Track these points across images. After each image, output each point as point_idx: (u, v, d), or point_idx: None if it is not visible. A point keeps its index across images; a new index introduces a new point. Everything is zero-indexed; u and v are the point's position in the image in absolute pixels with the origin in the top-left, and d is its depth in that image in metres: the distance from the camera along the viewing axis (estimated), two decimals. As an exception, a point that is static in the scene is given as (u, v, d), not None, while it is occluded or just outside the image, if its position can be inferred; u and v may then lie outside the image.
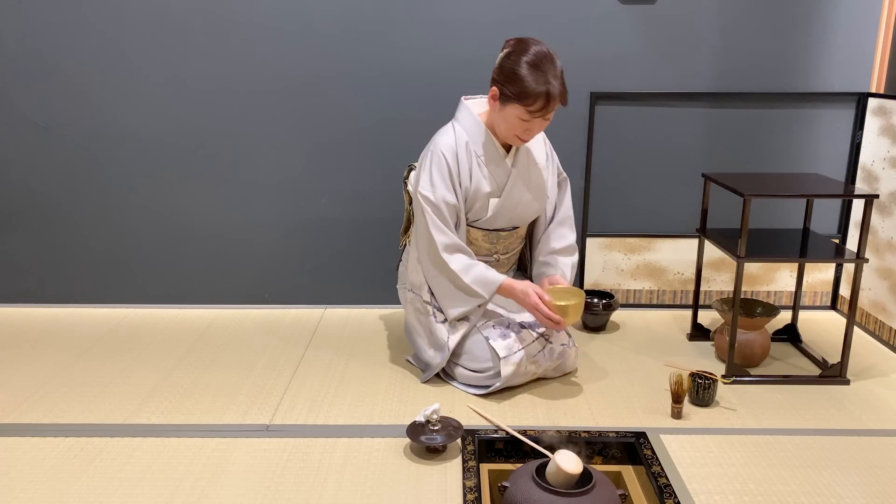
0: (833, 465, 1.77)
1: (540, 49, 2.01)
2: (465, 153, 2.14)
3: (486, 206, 2.18)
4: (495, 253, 2.29)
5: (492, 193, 2.18)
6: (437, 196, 2.10)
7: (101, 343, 2.51)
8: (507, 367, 2.07)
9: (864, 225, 2.13)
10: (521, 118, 2.03)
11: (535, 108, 1.99)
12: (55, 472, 1.73)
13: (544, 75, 1.97)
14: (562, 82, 2.01)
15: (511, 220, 2.24)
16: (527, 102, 1.99)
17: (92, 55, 2.63)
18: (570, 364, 2.24)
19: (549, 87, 1.97)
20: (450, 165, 2.12)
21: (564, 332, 2.20)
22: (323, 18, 2.60)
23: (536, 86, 1.97)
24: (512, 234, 2.28)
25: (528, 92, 1.98)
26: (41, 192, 2.76)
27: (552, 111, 2.02)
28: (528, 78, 1.97)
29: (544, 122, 2.07)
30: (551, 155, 2.32)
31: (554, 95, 1.98)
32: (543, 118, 2.04)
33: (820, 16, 2.60)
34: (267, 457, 1.79)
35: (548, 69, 1.98)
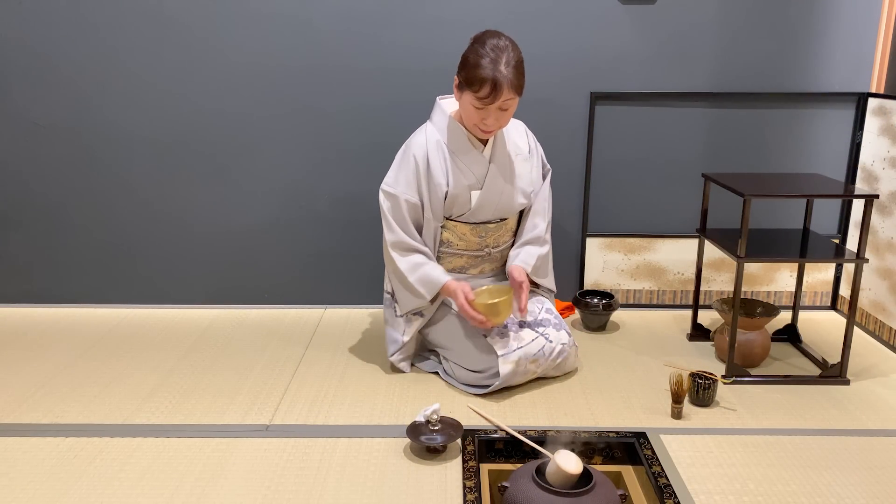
0: (833, 465, 1.77)
1: (496, 40, 2.02)
2: (437, 151, 2.17)
3: (468, 199, 2.20)
4: (486, 247, 2.29)
5: (472, 186, 2.19)
6: (396, 191, 2.15)
7: (101, 343, 2.51)
8: (506, 366, 2.07)
9: (864, 225, 2.13)
10: (474, 105, 2.04)
11: (483, 95, 1.99)
12: (55, 472, 1.73)
13: (494, 62, 1.97)
14: (515, 70, 2.00)
15: (497, 212, 2.25)
16: (474, 88, 2.00)
17: (92, 55, 2.63)
18: (569, 364, 2.24)
19: (497, 73, 1.97)
20: (418, 165, 2.15)
21: (564, 331, 2.20)
22: (323, 18, 2.60)
23: (484, 71, 1.97)
24: (500, 227, 2.29)
25: (475, 77, 1.99)
26: (41, 192, 2.76)
27: (503, 99, 2.01)
28: (477, 64, 1.99)
29: (502, 113, 2.06)
30: (535, 147, 2.33)
31: (501, 82, 1.97)
32: (498, 108, 2.03)
33: (820, 16, 2.60)
34: (267, 457, 1.79)
35: (499, 57, 1.98)
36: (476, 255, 2.29)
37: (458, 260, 2.30)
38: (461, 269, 2.32)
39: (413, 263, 2.17)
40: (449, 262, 2.30)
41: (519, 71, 2.02)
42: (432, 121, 2.23)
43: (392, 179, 2.18)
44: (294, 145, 2.72)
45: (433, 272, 2.16)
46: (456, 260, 2.30)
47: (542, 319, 2.21)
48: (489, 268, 2.34)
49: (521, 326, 2.16)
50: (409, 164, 2.16)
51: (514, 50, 2.03)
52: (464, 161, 2.18)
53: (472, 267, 2.32)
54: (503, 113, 2.07)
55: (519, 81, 2.03)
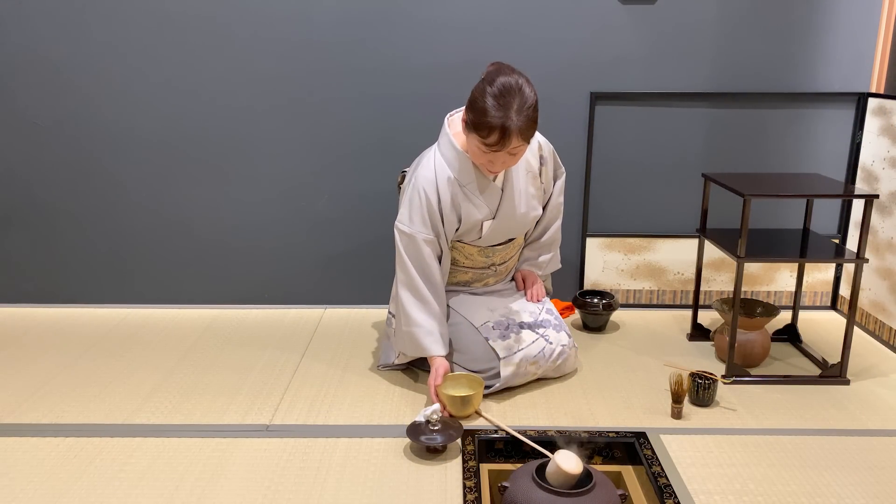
0: (833, 465, 1.77)
1: (509, 80, 1.88)
2: (448, 186, 2.06)
3: (479, 230, 2.14)
4: (492, 265, 2.28)
5: (486, 217, 2.12)
6: (412, 230, 2.06)
7: (101, 343, 2.51)
8: (507, 368, 2.07)
9: (864, 225, 2.13)
10: (480, 149, 1.93)
11: (491, 142, 1.88)
12: (55, 472, 1.73)
13: (504, 109, 1.84)
14: (526, 118, 1.87)
15: (507, 235, 2.23)
16: (482, 134, 1.88)
17: (92, 55, 2.63)
18: (569, 365, 2.23)
19: (507, 121, 1.84)
20: (430, 203, 2.04)
21: (565, 332, 2.20)
22: (323, 18, 2.60)
23: (492, 119, 1.85)
24: (508, 246, 2.27)
25: (482, 124, 1.87)
26: (41, 192, 2.76)
27: (511, 146, 1.89)
28: (486, 109, 1.86)
29: (510, 157, 1.94)
30: (548, 157, 2.24)
31: (510, 130, 1.85)
32: (506, 153, 1.91)
33: (820, 16, 2.60)
34: (267, 457, 1.79)
35: (510, 103, 1.85)
36: (482, 272, 2.29)
37: (464, 275, 2.29)
38: (466, 284, 2.31)
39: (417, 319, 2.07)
40: (454, 276, 2.29)
41: (530, 117, 1.88)
42: (440, 149, 2.10)
43: (406, 218, 2.07)
44: (294, 145, 2.72)
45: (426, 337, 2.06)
46: (461, 275, 2.29)
47: (543, 320, 2.21)
48: (493, 281, 2.33)
49: (521, 328, 2.16)
50: (420, 202, 2.04)
51: (529, 90, 1.89)
52: (475, 193, 2.08)
53: (477, 281, 2.31)
54: (512, 157, 1.95)
55: (529, 128, 1.90)
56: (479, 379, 2.03)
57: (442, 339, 2.09)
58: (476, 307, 2.22)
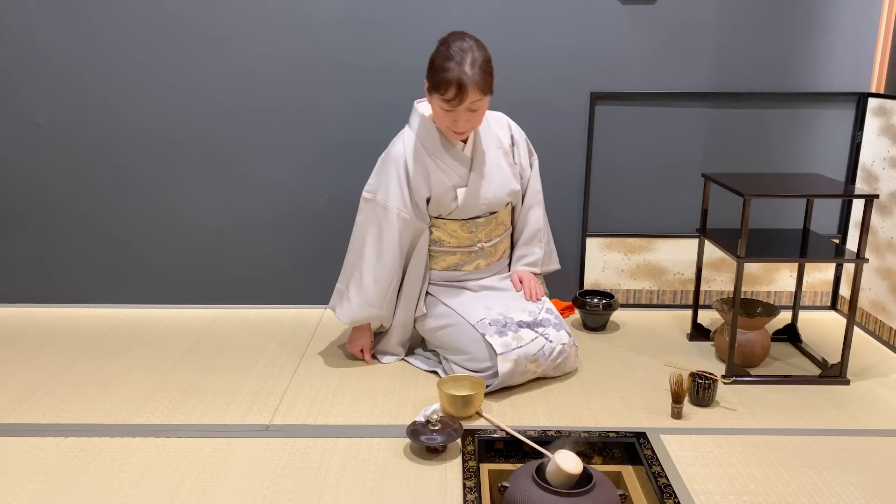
0: (833, 465, 1.77)
1: (461, 42, 2.03)
2: (417, 154, 2.19)
3: (454, 198, 2.22)
4: (478, 242, 2.30)
5: (457, 184, 2.22)
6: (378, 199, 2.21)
7: (101, 343, 2.51)
8: (505, 365, 2.07)
9: (864, 225, 2.13)
10: (443, 108, 2.06)
11: (450, 97, 2.01)
12: (55, 472, 1.73)
13: (458, 64, 1.99)
14: (480, 71, 2.01)
15: (485, 207, 2.27)
16: (441, 91, 2.02)
17: (92, 55, 2.63)
18: (570, 364, 2.23)
19: (462, 75, 1.99)
20: (401, 173, 2.18)
21: (565, 331, 2.20)
22: (323, 17, 2.60)
23: (449, 74, 1.99)
24: (490, 221, 2.30)
25: (440, 80, 2.01)
26: (41, 191, 2.76)
27: (470, 100, 2.03)
28: (442, 67, 2.01)
29: (472, 114, 2.07)
30: (520, 138, 2.35)
31: (466, 83, 1.99)
32: (467, 109, 2.05)
33: (820, 16, 2.60)
34: (267, 457, 1.79)
35: (464, 58, 2.00)
36: (469, 251, 2.31)
37: (452, 257, 2.31)
38: (455, 267, 2.33)
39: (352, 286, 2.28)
40: (443, 259, 2.31)
41: (485, 71, 2.03)
42: (410, 125, 2.24)
43: (374, 186, 2.23)
44: (294, 145, 2.72)
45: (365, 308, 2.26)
46: (449, 258, 2.31)
47: (543, 319, 2.21)
48: (484, 263, 2.34)
49: (520, 327, 2.16)
50: (388, 171, 2.19)
51: (480, 49, 2.04)
52: (445, 161, 2.20)
53: (466, 263, 2.32)
54: (473, 114, 2.08)
55: (485, 81, 2.03)
56: (479, 380, 2.03)
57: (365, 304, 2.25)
58: (473, 305, 2.22)
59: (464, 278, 2.33)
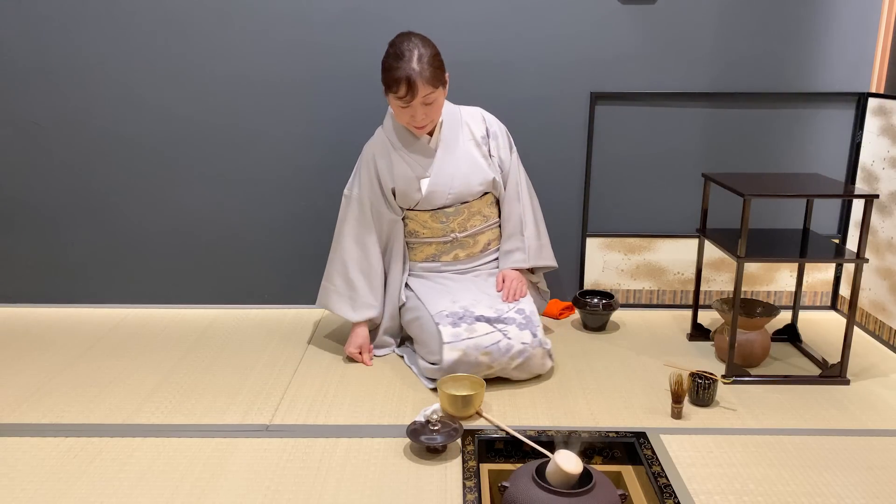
0: (833, 465, 1.77)
1: (408, 41, 2.10)
2: (383, 150, 2.30)
3: (418, 189, 2.26)
4: (451, 232, 2.32)
5: (420, 175, 2.28)
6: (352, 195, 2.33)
7: (101, 343, 2.51)
8: (452, 353, 2.06)
9: (864, 225, 2.13)
10: (398, 106, 2.14)
11: (402, 94, 2.09)
12: (55, 472, 1.73)
13: (404, 62, 2.06)
14: (426, 65, 2.07)
15: (452, 197, 2.29)
16: (392, 90, 2.11)
17: (91, 55, 2.63)
18: (535, 365, 2.15)
19: (409, 71, 2.06)
20: (368, 166, 2.30)
21: (530, 332, 2.13)
22: (323, 16, 2.60)
23: (396, 73, 2.07)
24: (462, 211, 2.31)
25: (390, 79, 2.10)
26: (41, 191, 2.76)
27: (422, 94, 2.09)
28: (390, 66, 2.10)
29: (428, 108, 2.14)
30: (499, 133, 2.37)
31: (413, 79, 2.06)
32: (421, 103, 2.11)
33: (820, 16, 2.60)
34: (267, 457, 1.79)
35: (410, 56, 2.07)
36: (444, 242, 2.32)
37: (429, 248, 2.34)
38: (433, 258, 2.35)
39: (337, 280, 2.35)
40: (420, 251, 2.35)
41: (432, 65, 2.09)
42: (382, 124, 2.35)
43: (350, 182, 2.36)
44: (294, 144, 2.72)
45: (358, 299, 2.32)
46: (426, 248, 2.34)
47: (507, 317, 2.16)
48: (463, 254, 2.35)
49: (477, 320, 2.13)
50: (360, 166, 2.33)
51: (425, 46, 2.11)
52: (408, 153, 2.28)
53: (444, 254, 2.33)
54: (429, 107, 2.14)
55: (433, 74, 2.09)
56: (479, 380, 2.03)
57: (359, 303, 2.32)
58: (439, 298, 2.23)
59: (444, 269, 2.35)
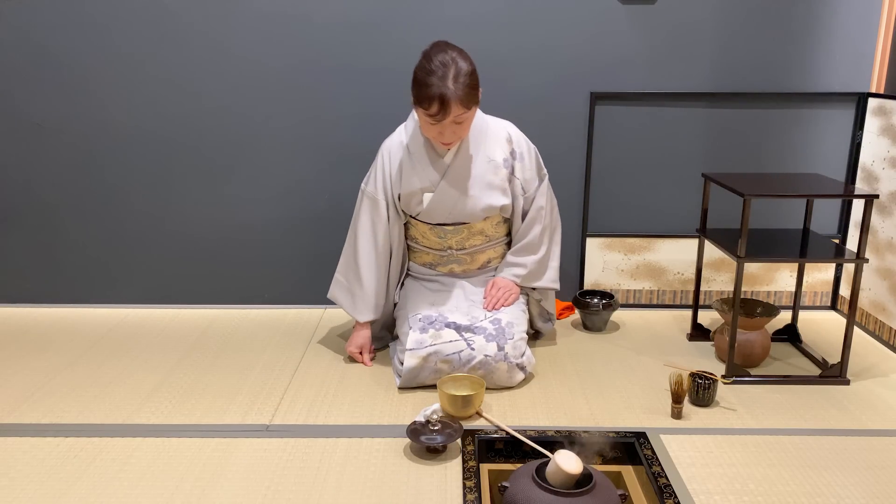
0: (833, 465, 1.77)
1: (444, 54, 2.00)
2: (400, 151, 2.23)
3: (420, 201, 2.22)
4: (448, 248, 2.30)
5: (425, 188, 2.21)
6: (367, 190, 2.28)
7: (101, 343, 2.51)
8: (411, 360, 2.08)
9: (864, 225, 2.13)
10: (427, 121, 2.05)
11: (433, 112, 2.00)
12: (55, 472, 1.73)
13: (440, 79, 1.97)
14: (463, 86, 1.98)
15: (452, 217, 2.24)
16: (424, 106, 2.01)
17: (92, 55, 2.63)
18: (499, 379, 2.11)
19: (444, 90, 1.96)
20: (383, 163, 2.24)
21: (496, 345, 2.10)
22: (323, 16, 2.60)
23: (430, 90, 1.97)
24: (461, 231, 2.27)
25: (422, 96, 2.00)
26: (41, 191, 2.76)
27: (454, 114, 2.01)
28: (423, 82, 1.99)
29: (458, 126, 2.06)
30: (525, 154, 2.27)
31: (448, 98, 1.97)
32: (452, 122, 2.03)
33: (820, 16, 2.60)
34: (267, 457, 1.79)
35: (446, 73, 1.97)
36: (440, 254, 2.31)
37: (426, 256, 2.34)
38: (430, 265, 2.35)
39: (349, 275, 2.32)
40: (419, 256, 2.36)
41: (468, 85, 2.00)
42: (406, 122, 2.28)
43: (366, 177, 2.31)
44: (294, 145, 2.72)
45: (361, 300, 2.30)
46: (424, 255, 2.34)
47: (478, 327, 2.14)
48: (459, 269, 2.34)
49: (447, 326, 2.13)
50: (376, 163, 2.27)
51: (463, 61, 2.01)
52: (420, 163, 2.20)
53: (440, 265, 2.33)
54: (459, 126, 2.06)
55: (468, 95, 2.01)
56: (479, 380, 2.03)
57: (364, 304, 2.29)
58: (420, 301, 2.25)
59: (437, 278, 2.36)
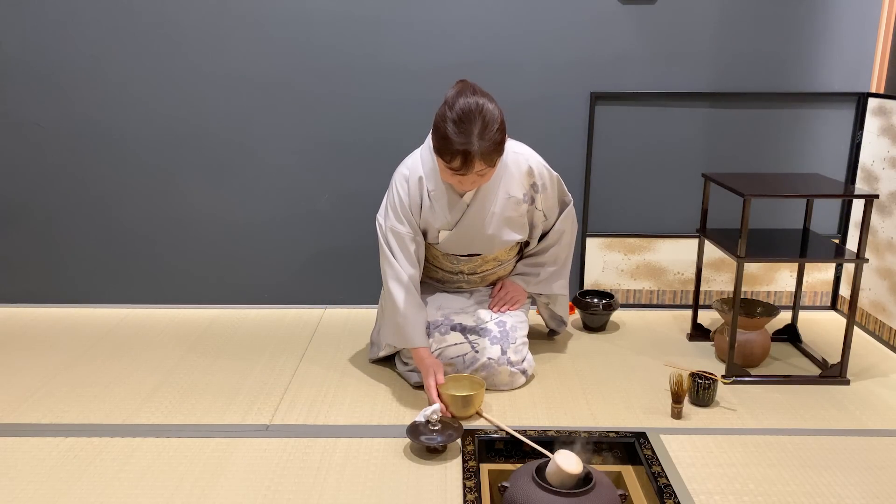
0: (833, 465, 1.77)
1: (469, 102, 1.86)
2: (417, 187, 2.08)
3: (436, 237, 2.16)
4: (459, 272, 2.27)
5: (443, 227, 2.12)
6: (386, 225, 2.10)
7: (101, 343, 2.51)
8: None
9: (864, 225, 2.13)
10: (446, 171, 1.95)
11: (455, 167, 1.89)
12: (55, 472, 1.73)
13: (466, 135, 1.84)
14: (490, 141, 1.86)
15: (469, 249, 2.20)
16: (445, 159, 1.90)
17: (92, 55, 2.63)
18: (501, 382, 2.12)
19: (469, 146, 1.84)
20: (401, 197, 2.07)
21: (500, 348, 2.11)
22: (323, 16, 2.60)
23: (454, 145, 1.85)
24: (474, 260, 2.23)
25: (445, 149, 1.88)
26: (41, 192, 2.76)
27: (475, 170, 1.89)
28: (447, 135, 1.86)
29: (478, 178, 1.95)
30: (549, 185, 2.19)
31: (472, 155, 1.85)
32: (474, 174, 1.92)
33: (820, 16, 2.60)
34: (267, 457, 1.79)
35: (471, 128, 1.84)
36: (450, 276, 2.29)
37: (437, 273, 2.31)
38: (440, 281, 2.33)
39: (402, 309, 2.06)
40: (428, 272, 2.31)
41: (494, 140, 1.87)
42: (423, 148, 2.12)
43: (383, 210, 2.13)
44: (294, 145, 2.72)
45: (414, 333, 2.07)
46: (434, 273, 2.31)
47: (483, 329, 2.15)
48: (467, 287, 2.33)
49: (452, 329, 2.14)
50: (393, 195, 2.10)
51: (490, 111, 1.87)
52: (438, 204, 2.09)
53: (450, 284, 2.32)
54: (481, 177, 1.96)
55: (494, 150, 1.89)
56: (479, 380, 2.03)
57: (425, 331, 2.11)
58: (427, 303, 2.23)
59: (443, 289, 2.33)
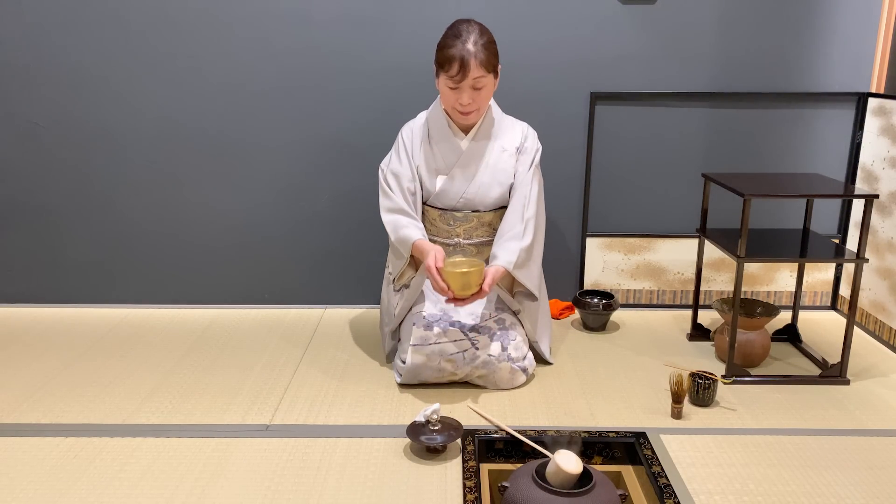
0: (833, 465, 1.77)
1: (465, 24, 2.10)
2: (420, 131, 2.27)
3: (433, 183, 2.24)
4: (455, 236, 2.30)
5: (439, 170, 2.25)
6: (389, 167, 2.27)
7: (101, 343, 2.51)
8: (416, 357, 2.09)
9: (864, 225, 2.13)
10: (448, 86, 2.11)
11: (453, 73, 2.06)
12: (55, 472, 1.73)
13: (460, 41, 2.06)
14: (482, 48, 2.06)
15: (463, 202, 2.25)
16: (445, 68, 2.08)
17: (91, 54, 2.63)
18: (501, 379, 2.13)
19: (464, 51, 2.04)
20: (404, 141, 2.27)
21: (500, 345, 2.12)
22: (323, 16, 2.60)
23: (451, 51, 2.06)
24: (470, 219, 2.27)
25: (444, 57, 2.08)
26: (41, 192, 2.76)
27: (473, 76, 2.06)
28: (445, 45, 2.08)
29: (476, 93, 2.11)
30: (528, 150, 2.25)
31: (468, 58, 2.04)
32: (471, 87, 2.08)
33: (820, 16, 2.60)
34: (267, 457, 1.79)
35: (467, 37, 2.06)
36: (447, 244, 2.30)
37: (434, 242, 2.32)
38: None
39: (397, 223, 2.21)
40: None
41: (487, 48, 2.07)
42: (429, 108, 2.32)
43: (387, 157, 2.32)
44: (294, 145, 2.72)
45: (407, 230, 2.18)
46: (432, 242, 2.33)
47: (483, 327, 2.15)
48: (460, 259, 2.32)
49: (451, 325, 2.14)
50: (398, 141, 2.29)
51: (483, 31, 2.10)
52: (438, 145, 2.24)
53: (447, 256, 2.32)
54: (477, 92, 2.11)
55: (488, 58, 2.08)
56: (478, 261, 2.07)
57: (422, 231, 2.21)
58: (423, 298, 2.24)
59: None
